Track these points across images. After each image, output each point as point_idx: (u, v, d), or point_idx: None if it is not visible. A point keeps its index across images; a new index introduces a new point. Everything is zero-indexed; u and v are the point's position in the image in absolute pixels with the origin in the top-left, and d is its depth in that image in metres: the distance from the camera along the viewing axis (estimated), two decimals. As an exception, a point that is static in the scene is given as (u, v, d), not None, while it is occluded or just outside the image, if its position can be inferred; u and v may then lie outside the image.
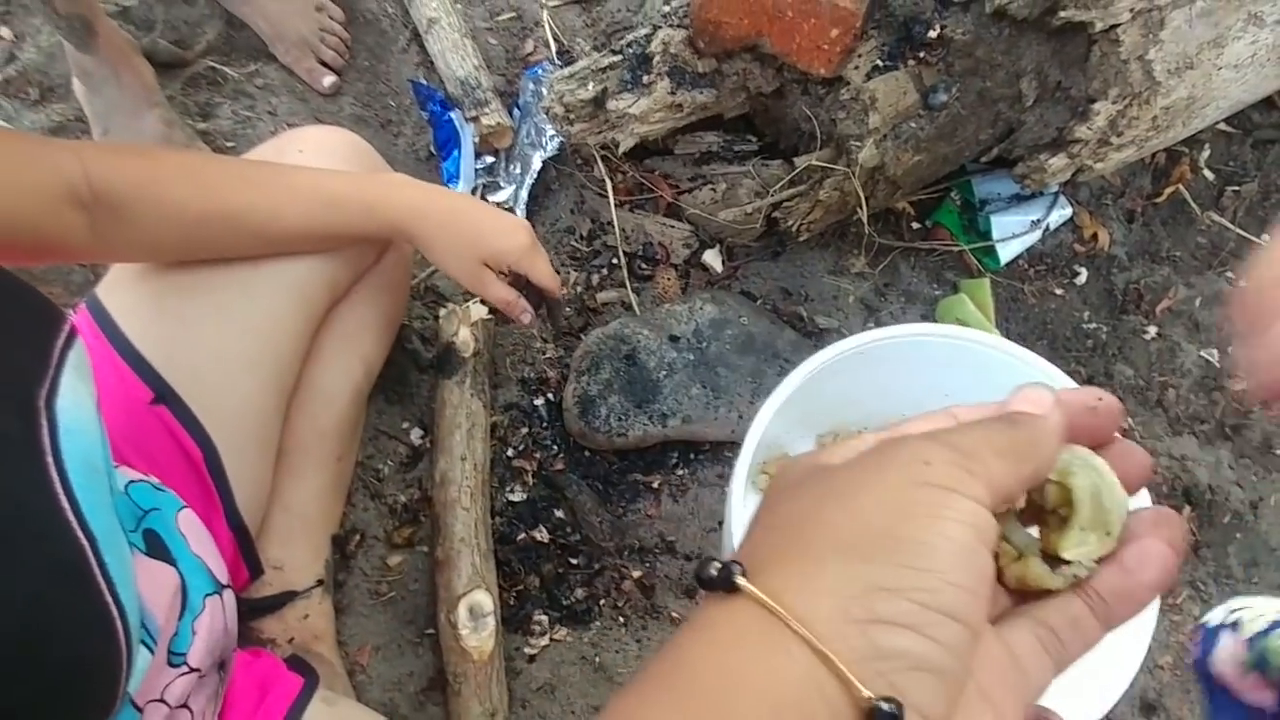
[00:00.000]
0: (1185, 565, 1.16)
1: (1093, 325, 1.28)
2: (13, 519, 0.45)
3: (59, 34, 1.08)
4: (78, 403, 0.52)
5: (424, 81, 1.29)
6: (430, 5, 1.30)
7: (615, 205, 1.20)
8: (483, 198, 1.24)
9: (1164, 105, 1.10)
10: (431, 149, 1.27)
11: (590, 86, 1.10)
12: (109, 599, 0.49)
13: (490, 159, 1.27)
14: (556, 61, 1.31)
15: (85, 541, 0.48)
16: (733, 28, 1.03)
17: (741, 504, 0.77)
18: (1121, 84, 1.06)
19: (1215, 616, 0.71)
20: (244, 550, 0.86)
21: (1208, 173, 1.38)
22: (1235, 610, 0.69)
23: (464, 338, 1.09)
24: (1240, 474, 1.22)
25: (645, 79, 1.10)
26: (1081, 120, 1.09)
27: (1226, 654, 0.69)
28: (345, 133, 0.99)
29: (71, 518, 0.48)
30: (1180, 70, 1.09)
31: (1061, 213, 1.29)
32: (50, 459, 0.48)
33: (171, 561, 0.67)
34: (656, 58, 1.09)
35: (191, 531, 0.73)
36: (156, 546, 0.67)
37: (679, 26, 1.09)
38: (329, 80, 1.29)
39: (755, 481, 0.94)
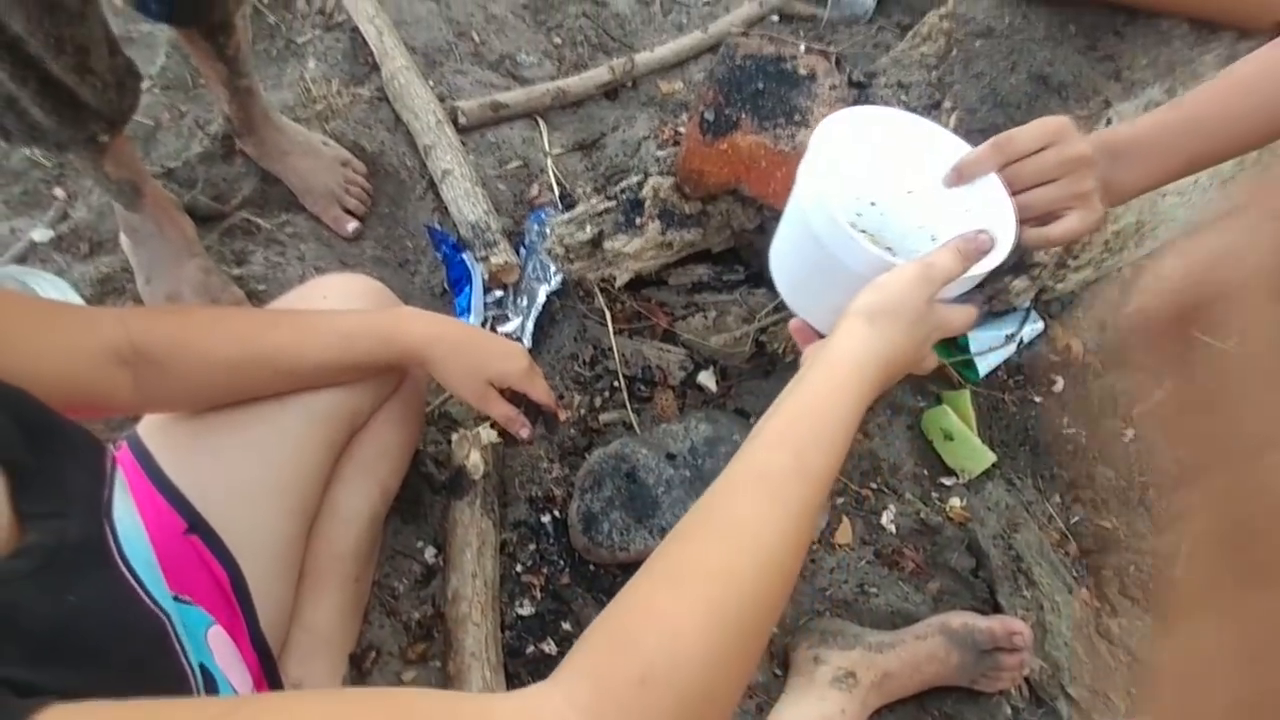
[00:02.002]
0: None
1: (1072, 430, 1.35)
2: (109, 600, 0.54)
3: (109, 195, 1.21)
4: (127, 515, 0.61)
5: (438, 226, 1.41)
6: (445, 158, 1.44)
7: (614, 333, 1.30)
8: (492, 328, 1.35)
9: (1114, 230, 1.20)
10: (445, 285, 1.39)
11: (588, 229, 1.21)
12: (185, 663, 0.57)
13: (500, 293, 1.38)
14: (559, 204, 1.44)
15: (163, 616, 0.57)
16: (714, 175, 1.15)
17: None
18: (1072, 211, 1.17)
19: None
20: (267, 669, 0.92)
21: (1172, 284, 1.46)
22: None
23: (474, 461, 1.17)
24: (1226, 572, 1.26)
25: (638, 221, 1.21)
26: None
27: None
28: (364, 278, 1.09)
29: (145, 598, 0.56)
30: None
31: (1034, 326, 1.37)
32: (118, 557, 0.57)
33: None
34: (648, 202, 1.21)
35: (220, 648, 0.79)
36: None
37: (667, 174, 1.21)
38: (352, 226, 1.42)
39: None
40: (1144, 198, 1.21)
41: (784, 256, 0.84)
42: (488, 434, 1.20)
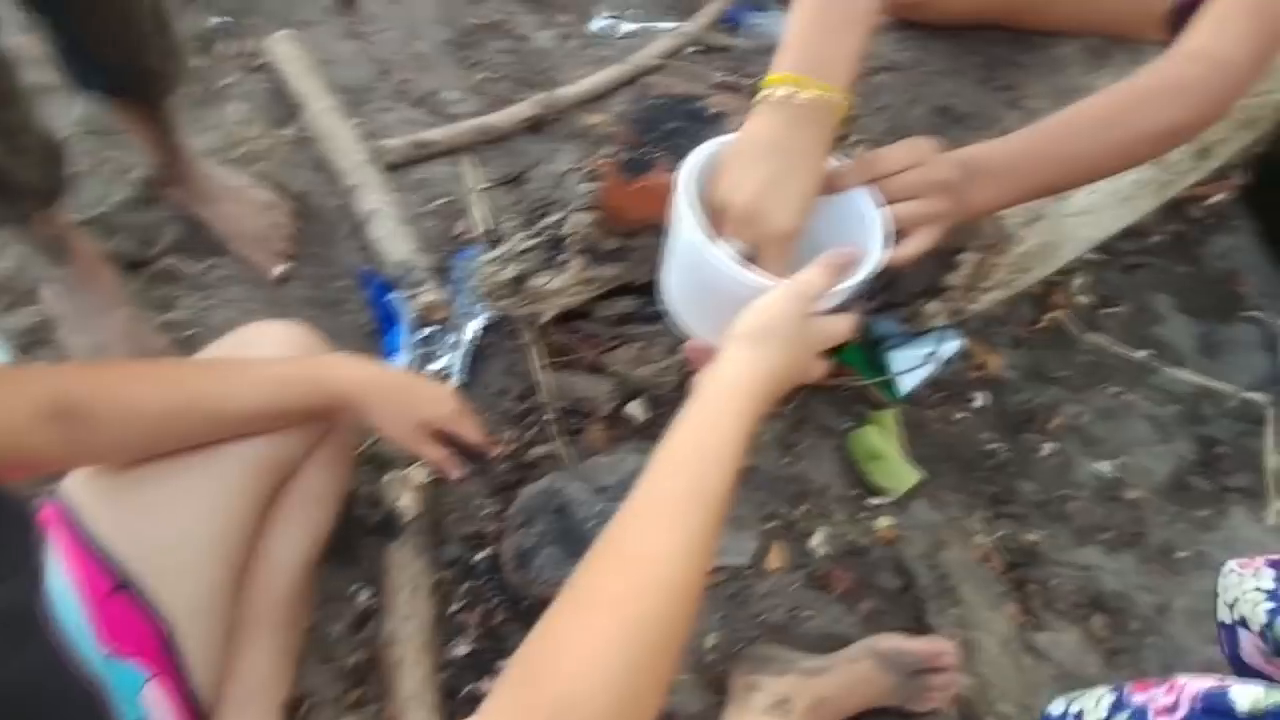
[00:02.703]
0: (1103, 671, 1.23)
1: (993, 446, 1.39)
2: (42, 670, 0.56)
3: (35, 252, 1.20)
4: (57, 577, 0.61)
5: (365, 265, 1.42)
6: (371, 198, 1.45)
7: (543, 367, 1.31)
8: (422, 366, 1.35)
9: (1020, 252, 1.25)
10: (374, 326, 1.39)
11: (512, 268, 1.22)
12: None
13: (429, 330, 1.38)
14: (487, 240, 1.45)
15: (95, 681, 0.58)
16: (634, 212, 1.17)
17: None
18: (981, 237, 1.21)
19: (1056, 707, 0.79)
20: None
21: (1082, 298, 1.52)
22: (1074, 700, 0.77)
23: (406, 502, 1.17)
24: (1146, 579, 1.30)
25: (560, 259, 1.22)
26: (950, 269, 1.23)
27: (1250, 647, 0.78)
28: (292, 325, 1.09)
29: (78, 664, 0.57)
30: (1030, 222, 1.24)
31: (953, 344, 1.41)
32: (51, 623, 0.57)
33: None
34: (569, 240, 1.23)
35: (155, 705, 0.79)
36: None
37: (588, 210, 1.23)
38: (279, 269, 1.42)
39: None
40: (1051, 219, 1.27)
41: (672, 284, 0.89)
42: (419, 474, 1.20)
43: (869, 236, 0.81)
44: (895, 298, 1.28)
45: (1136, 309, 1.52)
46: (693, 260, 0.79)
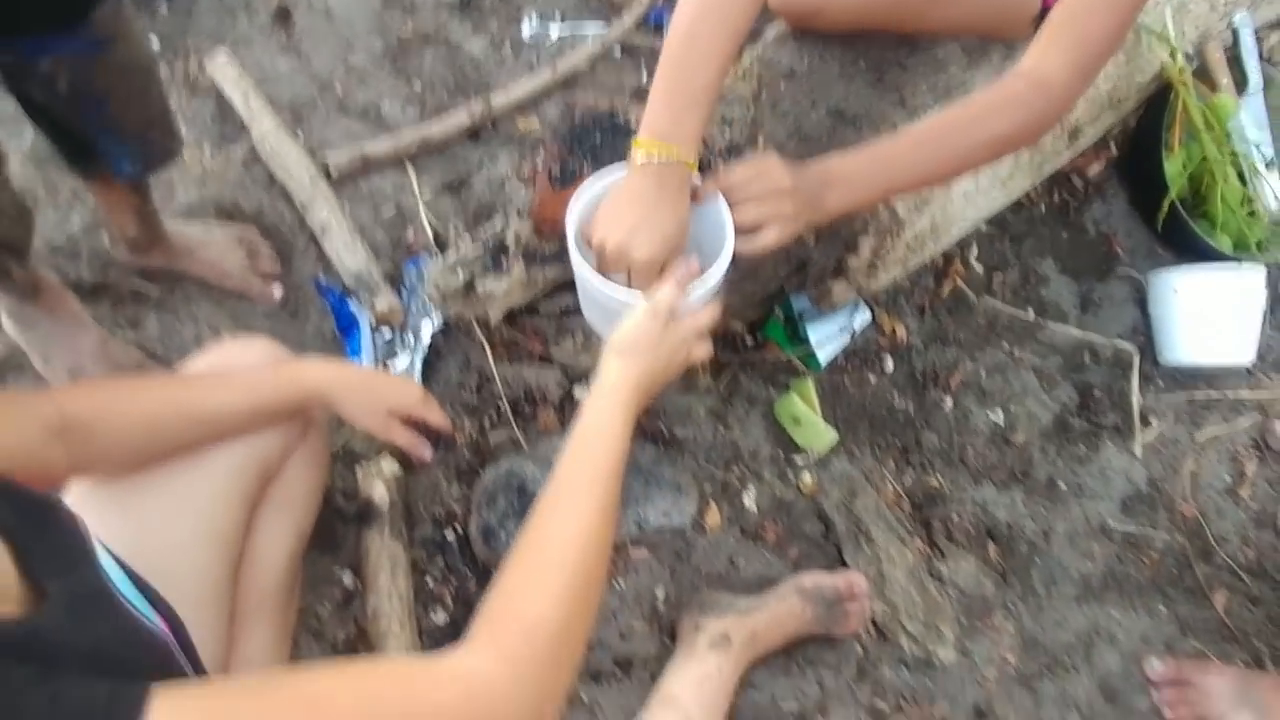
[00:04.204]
0: (997, 591, 1.42)
1: (902, 404, 1.57)
2: (128, 632, 0.70)
3: (6, 294, 1.27)
4: (104, 559, 0.75)
5: (323, 276, 1.53)
6: (322, 213, 1.55)
7: (495, 361, 1.44)
8: (384, 366, 1.48)
9: (913, 234, 1.41)
10: (335, 332, 1.51)
11: (460, 274, 1.35)
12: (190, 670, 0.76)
13: (388, 333, 1.51)
14: (434, 246, 1.57)
15: (163, 635, 0.74)
16: (564, 218, 1.30)
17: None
18: (876, 223, 1.37)
19: None
20: None
21: (977, 266, 1.70)
22: None
23: (380, 492, 1.30)
24: (1032, 509, 1.50)
25: (504, 263, 1.36)
26: (852, 252, 1.39)
27: None
28: (260, 340, 1.19)
29: (148, 623, 0.74)
30: (919, 207, 1.40)
31: (863, 316, 1.58)
32: (120, 597, 0.72)
33: None
34: (511, 246, 1.36)
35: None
36: None
37: (526, 219, 1.36)
38: (276, 292, 1.51)
39: None
40: (937, 202, 1.43)
41: (580, 295, 1.15)
42: (389, 466, 1.34)
43: (726, 235, 1.03)
44: (806, 279, 1.44)
45: (1025, 273, 1.71)
46: (582, 283, 1.06)
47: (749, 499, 1.43)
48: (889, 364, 1.60)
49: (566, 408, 1.46)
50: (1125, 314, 1.70)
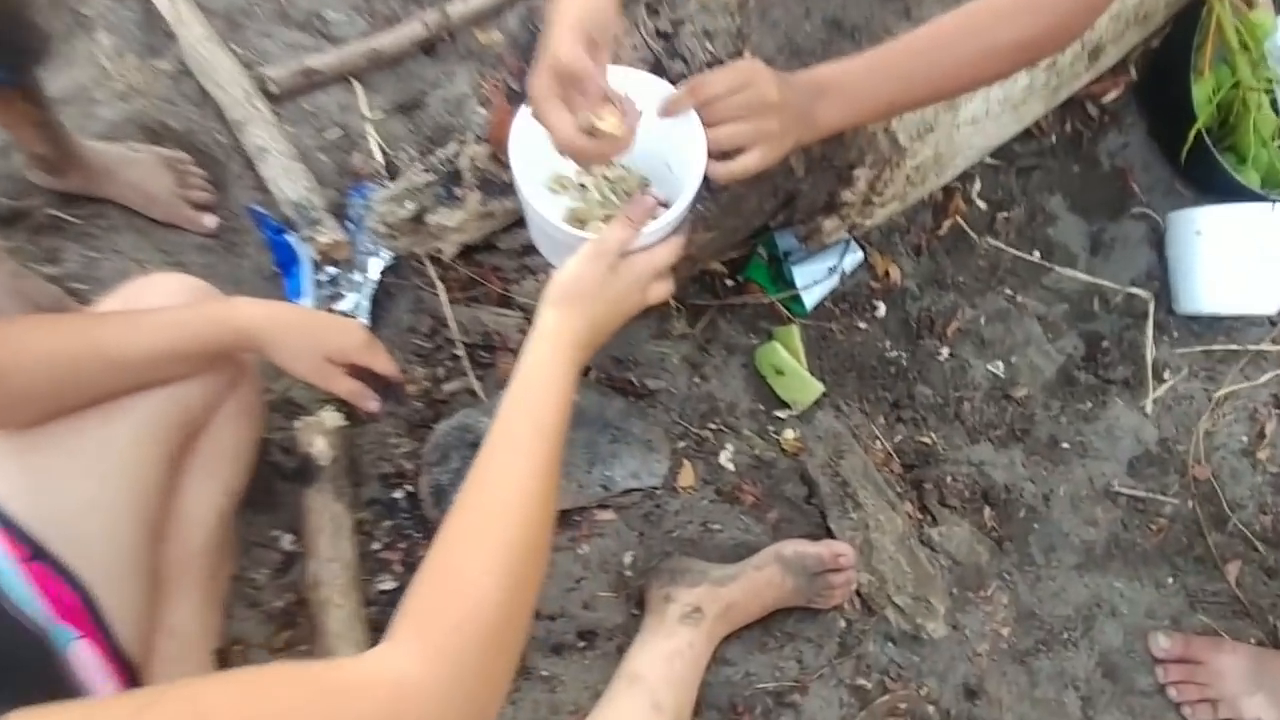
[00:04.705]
0: (992, 559, 1.32)
1: (894, 354, 1.44)
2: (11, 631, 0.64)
3: None
4: None
5: (259, 207, 1.38)
6: (259, 134, 1.39)
7: (450, 303, 1.31)
8: (328, 308, 1.34)
9: (914, 165, 1.27)
10: (276, 268, 1.36)
11: (409, 205, 1.20)
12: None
13: (332, 270, 1.36)
14: (384, 172, 1.42)
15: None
16: (525, 143, 1.15)
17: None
18: (874, 152, 1.23)
19: None
20: (133, 683, 0.93)
21: (980, 203, 1.56)
22: None
23: (320, 447, 1.18)
24: (1032, 471, 1.39)
25: (458, 193, 1.21)
26: (845, 185, 1.25)
27: None
28: (186, 277, 1.07)
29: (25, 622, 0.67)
30: (922, 134, 1.26)
31: (855, 256, 1.45)
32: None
33: None
34: (466, 173, 1.21)
35: (84, 663, 0.81)
36: None
37: (483, 142, 1.21)
38: (210, 221, 1.37)
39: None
40: (942, 129, 1.29)
41: (530, 227, 1.03)
42: (332, 417, 1.21)
43: (695, 157, 0.87)
44: (793, 215, 1.30)
45: (1031, 211, 1.57)
46: (528, 212, 0.93)
47: (726, 457, 1.31)
48: (881, 309, 1.47)
49: (528, 355, 1.33)
50: (1139, 257, 1.57)
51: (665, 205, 1.00)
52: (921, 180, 1.32)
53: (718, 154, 0.88)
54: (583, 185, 1.04)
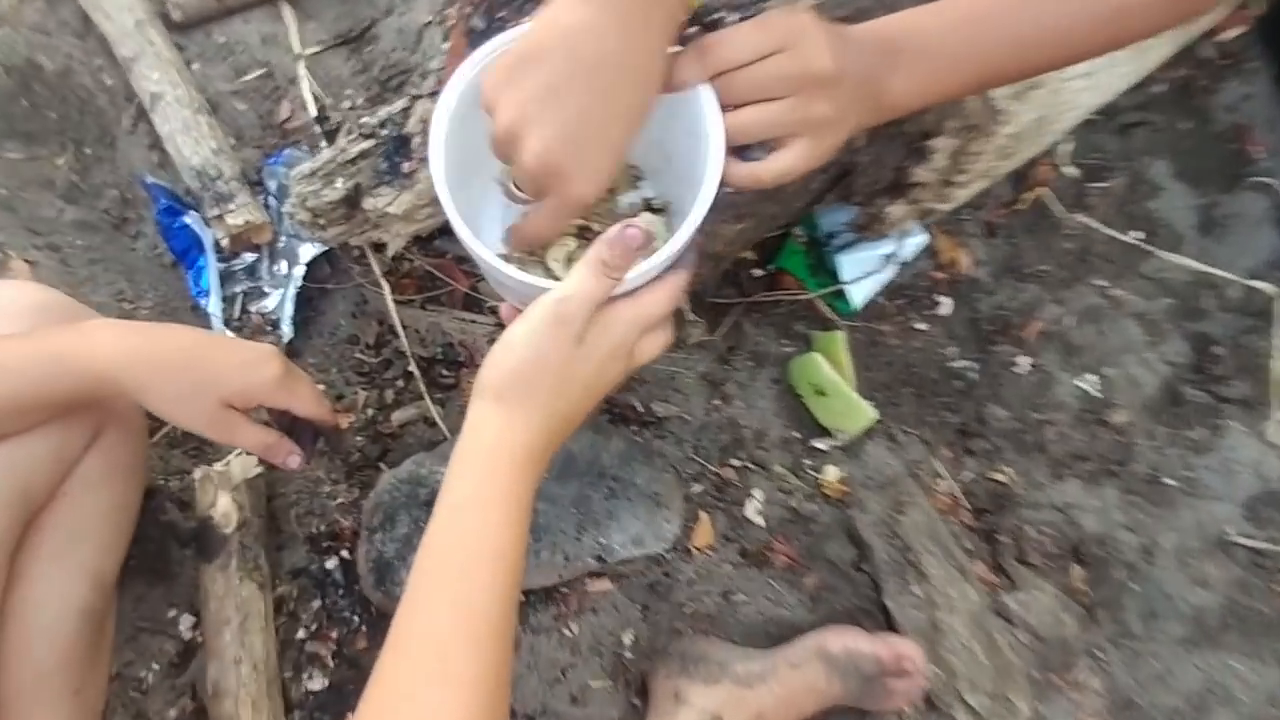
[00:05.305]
0: (1082, 632, 1.06)
1: (960, 364, 1.15)
2: None
3: None
4: None
5: (151, 178, 1.06)
6: (153, 75, 1.07)
7: (397, 305, 1.01)
8: (244, 308, 1.04)
9: (1010, 133, 0.96)
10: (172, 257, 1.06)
11: (339, 184, 0.90)
12: None
13: (251, 256, 1.06)
14: (317, 129, 1.10)
15: None
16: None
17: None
18: (958, 117, 0.92)
19: None
20: None
21: (1070, 169, 1.25)
22: None
23: (224, 508, 0.90)
24: (1129, 516, 1.12)
25: (405, 167, 0.90)
26: (919, 160, 0.94)
27: None
28: (34, 287, 0.81)
29: None
30: (1023, 93, 0.95)
31: (917, 240, 1.14)
32: None
33: None
34: (416, 139, 0.90)
35: None
36: None
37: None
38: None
39: None
40: (1047, 89, 0.97)
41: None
42: (241, 466, 0.93)
43: (712, 152, 0.57)
44: (850, 197, 1.00)
45: (1131, 180, 1.26)
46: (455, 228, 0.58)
47: (753, 508, 1.03)
48: (945, 305, 1.18)
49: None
50: (1260, 239, 1.26)
51: (659, 211, 0.70)
52: (1016, 151, 1.01)
53: (738, 148, 0.58)
54: None
